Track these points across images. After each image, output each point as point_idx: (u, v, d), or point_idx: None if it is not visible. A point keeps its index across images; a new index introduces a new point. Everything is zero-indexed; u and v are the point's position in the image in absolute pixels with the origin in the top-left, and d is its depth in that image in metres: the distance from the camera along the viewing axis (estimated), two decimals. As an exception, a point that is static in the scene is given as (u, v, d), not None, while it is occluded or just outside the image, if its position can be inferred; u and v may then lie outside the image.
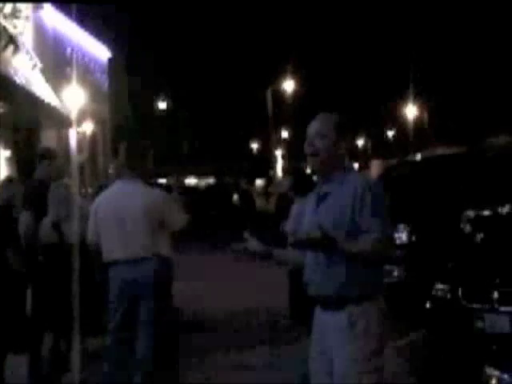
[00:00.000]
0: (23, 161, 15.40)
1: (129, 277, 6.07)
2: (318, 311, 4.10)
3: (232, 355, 8.04)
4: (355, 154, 66.26)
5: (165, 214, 6.20)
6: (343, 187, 4.01)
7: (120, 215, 6.09)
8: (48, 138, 19.58)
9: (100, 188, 7.95)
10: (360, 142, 69.96)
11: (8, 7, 17.79)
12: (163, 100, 44.87)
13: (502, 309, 6.32)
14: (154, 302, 6.11)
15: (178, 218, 6.37)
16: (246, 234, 4.27)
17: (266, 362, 7.64)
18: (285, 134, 54.32)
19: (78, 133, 20.21)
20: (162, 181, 41.76)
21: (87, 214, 6.41)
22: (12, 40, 17.55)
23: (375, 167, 18.04)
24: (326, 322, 4.01)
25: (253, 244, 4.25)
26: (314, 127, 4.08)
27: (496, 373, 5.52)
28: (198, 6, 51.85)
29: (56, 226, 6.65)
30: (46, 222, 6.72)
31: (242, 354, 8.04)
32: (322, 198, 4.07)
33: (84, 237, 6.41)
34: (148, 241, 6.10)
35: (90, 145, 24.02)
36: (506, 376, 5.46)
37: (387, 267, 9.39)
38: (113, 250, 6.13)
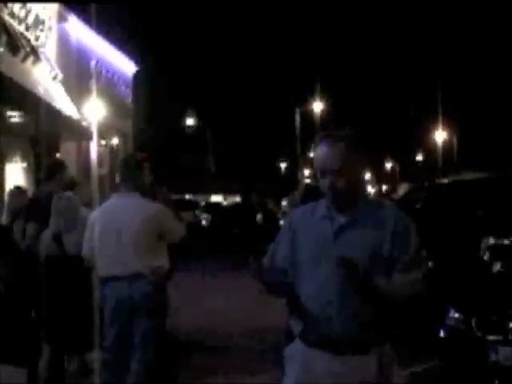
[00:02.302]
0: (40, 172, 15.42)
1: (124, 294, 5.87)
2: (317, 357, 3.53)
3: (233, 378, 7.79)
4: (383, 177, 66.23)
5: (164, 227, 6.03)
6: (371, 217, 3.53)
7: (116, 230, 5.90)
8: (68, 151, 19.59)
9: None
10: (388, 165, 69.69)
11: (30, 18, 17.86)
12: (190, 116, 44.98)
13: (517, 341, 6.08)
14: (149, 322, 5.90)
15: (177, 229, 6.22)
16: (251, 259, 3.68)
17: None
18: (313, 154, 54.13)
19: (100, 145, 20.19)
20: (188, 197, 42.15)
21: None
22: (32, 51, 17.56)
23: (403, 190, 17.90)
24: (341, 369, 3.48)
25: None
26: (330, 156, 3.47)
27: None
28: (227, 26, 52.24)
29: (57, 237, 6.53)
30: (47, 233, 6.62)
31: (244, 377, 7.79)
32: (344, 227, 3.52)
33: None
34: (144, 256, 5.89)
35: (112, 158, 24.00)
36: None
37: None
38: (108, 265, 5.94)
